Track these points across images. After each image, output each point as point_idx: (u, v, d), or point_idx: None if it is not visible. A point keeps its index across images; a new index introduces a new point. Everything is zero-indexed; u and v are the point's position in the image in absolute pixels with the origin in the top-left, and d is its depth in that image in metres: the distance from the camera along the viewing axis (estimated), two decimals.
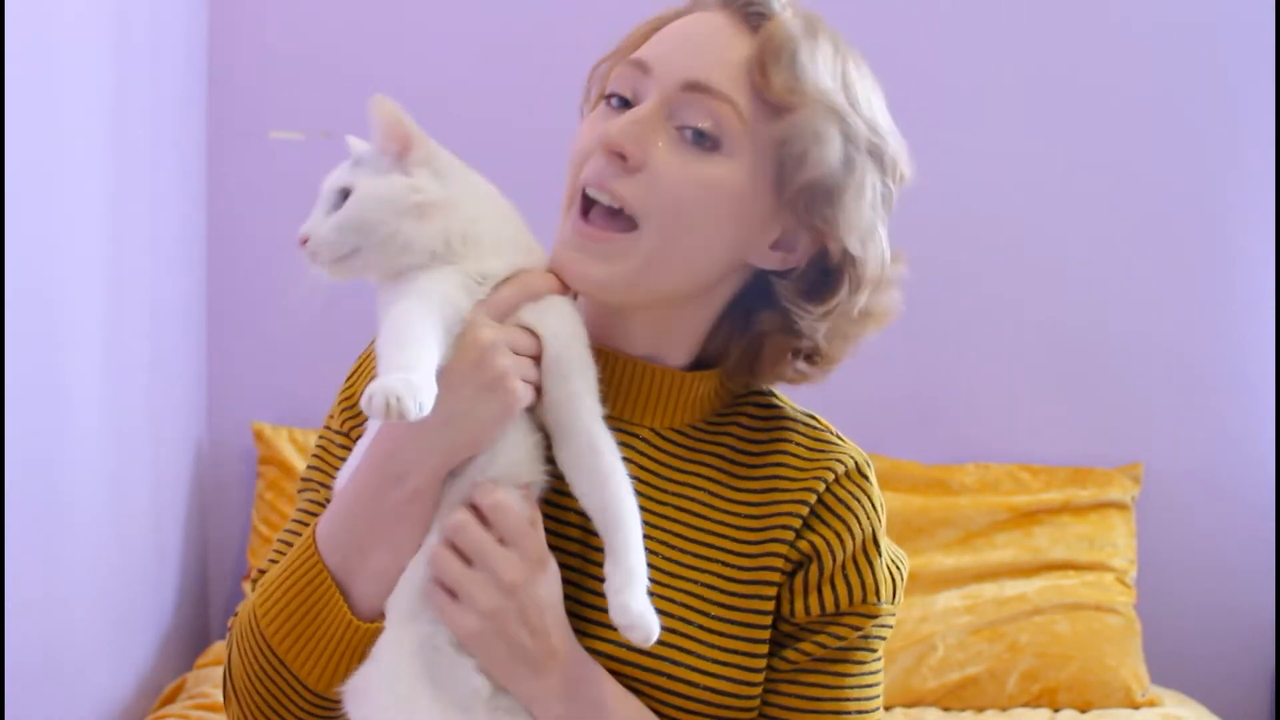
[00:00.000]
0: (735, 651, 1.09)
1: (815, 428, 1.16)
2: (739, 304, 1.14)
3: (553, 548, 1.07)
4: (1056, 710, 2.42)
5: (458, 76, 2.59)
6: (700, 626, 1.08)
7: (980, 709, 2.42)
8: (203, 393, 2.61)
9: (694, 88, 1.05)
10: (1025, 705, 2.42)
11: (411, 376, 0.93)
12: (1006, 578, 2.51)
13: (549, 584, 1.04)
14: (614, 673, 1.08)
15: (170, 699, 2.22)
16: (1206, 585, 2.67)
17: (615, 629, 1.01)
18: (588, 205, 1.08)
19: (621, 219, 1.06)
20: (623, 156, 1.05)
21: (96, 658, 2.06)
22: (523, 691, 1.04)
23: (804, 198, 1.06)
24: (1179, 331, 2.67)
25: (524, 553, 1.03)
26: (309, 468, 1.19)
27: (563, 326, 1.06)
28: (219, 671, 2.24)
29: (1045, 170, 2.66)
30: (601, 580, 1.05)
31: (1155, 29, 2.65)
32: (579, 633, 1.08)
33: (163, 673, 2.35)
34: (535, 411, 1.06)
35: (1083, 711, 2.41)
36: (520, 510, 1.04)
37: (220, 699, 2.12)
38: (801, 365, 1.15)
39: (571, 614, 1.08)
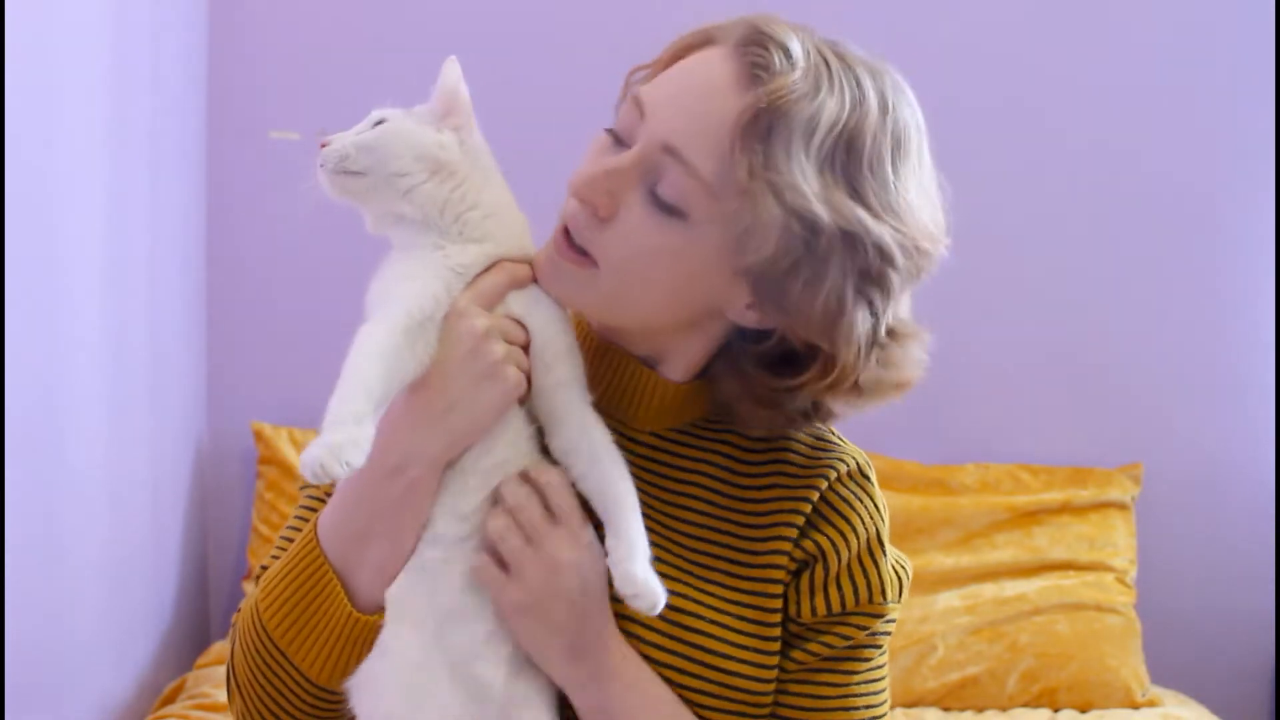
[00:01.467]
0: (745, 648, 1.09)
1: (815, 428, 1.17)
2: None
3: None
4: (1056, 710, 2.42)
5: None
6: (712, 621, 1.09)
7: (980, 709, 2.42)
8: (203, 393, 2.61)
9: (671, 152, 1.02)
10: (1025, 705, 2.42)
11: (337, 437, 0.96)
12: (1006, 578, 2.51)
13: (595, 567, 1.06)
14: None
15: (170, 699, 2.22)
16: (1206, 585, 2.67)
17: (623, 602, 1.03)
18: (566, 230, 1.09)
19: (587, 257, 1.07)
20: (594, 209, 1.05)
21: (96, 658, 2.06)
22: (557, 675, 1.06)
23: (752, 278, 1.04)
24: (1179, 332, 2.67)
25: (574, 533, 1.05)
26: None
27: (548, 315, 1.09)
28: (219, 671, 2.25)
29: (1045, 170, 2.66)
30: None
31: (1156, 29, 2.65)
32: None
33: (163, 673, 2.35)
34: (523, 401, 1.08)
35: (1083, 711, 2.41)
36: (574, 495, 1.07)
37: (221, 699, 2.14)
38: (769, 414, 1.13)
39: None
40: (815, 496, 1.12)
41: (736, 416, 1.13)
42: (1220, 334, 2.68)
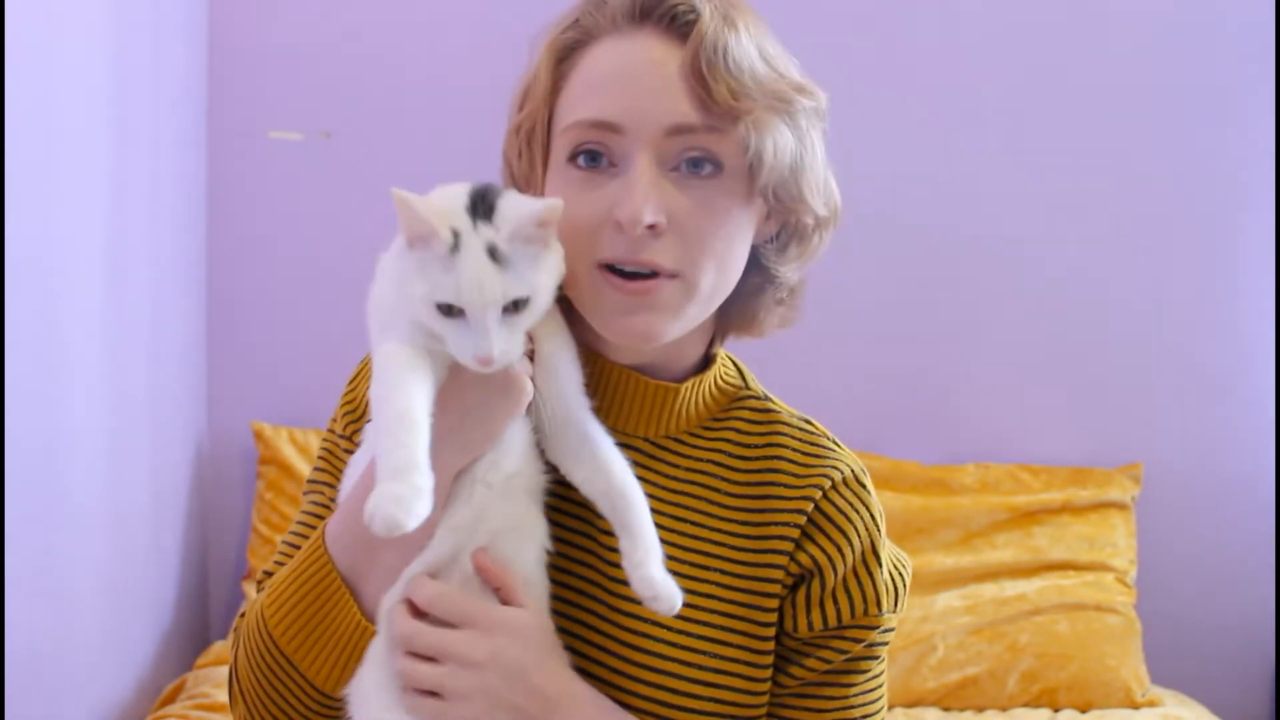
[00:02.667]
0: (738, 660, 1.09)
1: (810, 433, 1.16)
2: None
3: (569, 559, 1.10)
4: (1056, 710, 2.42)
5: (458, 76, 2.59)
6: (702, 637, 1.09)
7: (980, 709, 2.42)
8: (203, 393, 2.61)
9: (678, 130, 1.05)
10: (1025, 705, 2.42)
11: (402, 488, 0.93)
12: (1006, 578, 2.51)
13: (521, 641, 1.04)
14: (618, 688, 1.08)
15: (170, 699, 2.22)
16: (1206, 585, 2.67)
17: (639, 603, 1.03)
18: (614, 269, 1.07)
19: (659, 273, 1.06)
20: (654, 230, 1.05)
21: (96, 658, 2.06)
22: None
23: (774, 189, 1.08)
24: (1179, 331, 2.67)
25: (481, 628, 1.03)
26: (315, 469, 1.19)
27: (550, 325, 1.07)
28: (219, 671, 2.25)
29: (1045, 170, 2.66)
30: (591, 599, 1.07)
31: (1157, 27, 2.65)
32: (590, 644, 1.09)
33: (163, 673, 2.35)
34: (529, 410, 1.07)
35: (1083, 711, 2.41)
36: (454, 592, 1.05)
37: (221, 698, 2.13)
38: (782, 310, 1.17)
39: (587, 625, 1.09)
40: (810, 507, 1.11)
41: (749, 327, 1.16)
42: (1220, 334, 2.68)
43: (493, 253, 0.97)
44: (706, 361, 1.17)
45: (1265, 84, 2.63)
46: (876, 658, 1.13)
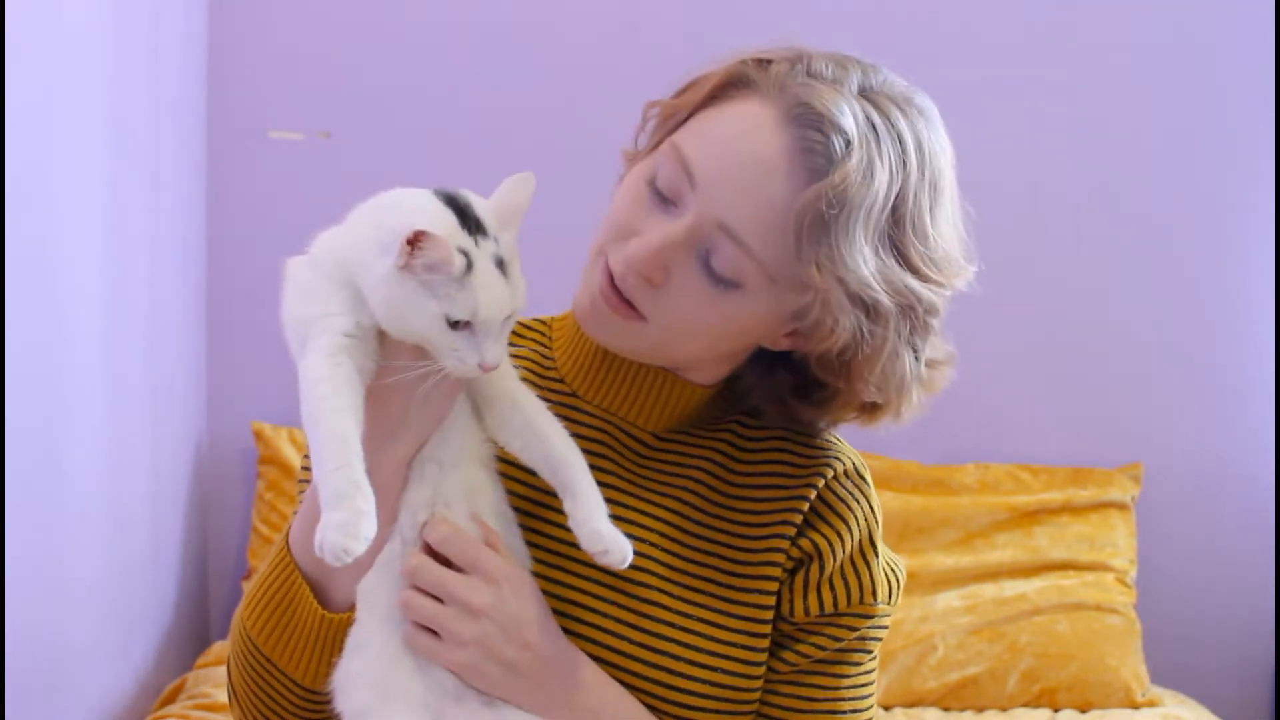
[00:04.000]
0: (735, 645, 1.10)
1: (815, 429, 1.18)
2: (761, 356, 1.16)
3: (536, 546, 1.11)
4: (1056, 710, 2.42)
5: (457, 77, 2.59)
6: (700, 620, 1.09)
7: (980, 709, 2.42)
8: (203, 393, 2.61)
9: (727, 231, 1.04)
10: (1025, 705, 2.42)
11: (346, 514, 0.95)
12: (1006, 578, 2.51)
13: (521, 597, 1.06)
14: (615, 666, 1.09)
15: (170, 699, 2.22)
16: (1206, 585, 2.67)
17: (592, 560, 1.04)
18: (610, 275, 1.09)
19: (636, 310, 1.08)
20: (648, 280, 1.06)
21: (96, 658, 2.06)
22: (527, 704, 1.06)
23: (817, 359, 1.09)
24: (1179, 331, 2.67)
25: (485, 575, 1.05)
26: (303, 468, 1.21)
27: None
28: (219, 671, 2.25)
29: (1045, 169, 2.66)
30: (588, 579, 1.08)
31: (1155, 28, 2.65)
32: (574, 634, 1.09)
33: (163, 673, 2.35)
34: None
35: (1083, 711, 2.41)
36: (469, 535, 1.06)
37: (221, 698, 2.14)
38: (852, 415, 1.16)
39: (565, 614, 1.10)
40: (813, 495, 1.12)
41: (800, 418, 1.16)
42: (1220, 334, 2.67)
43: (499, 265, 1.00)
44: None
45: (1265, 84, 2.63)
46: (869, 651, 1.14)
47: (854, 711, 1.13)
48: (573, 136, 2.49)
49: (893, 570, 1.16)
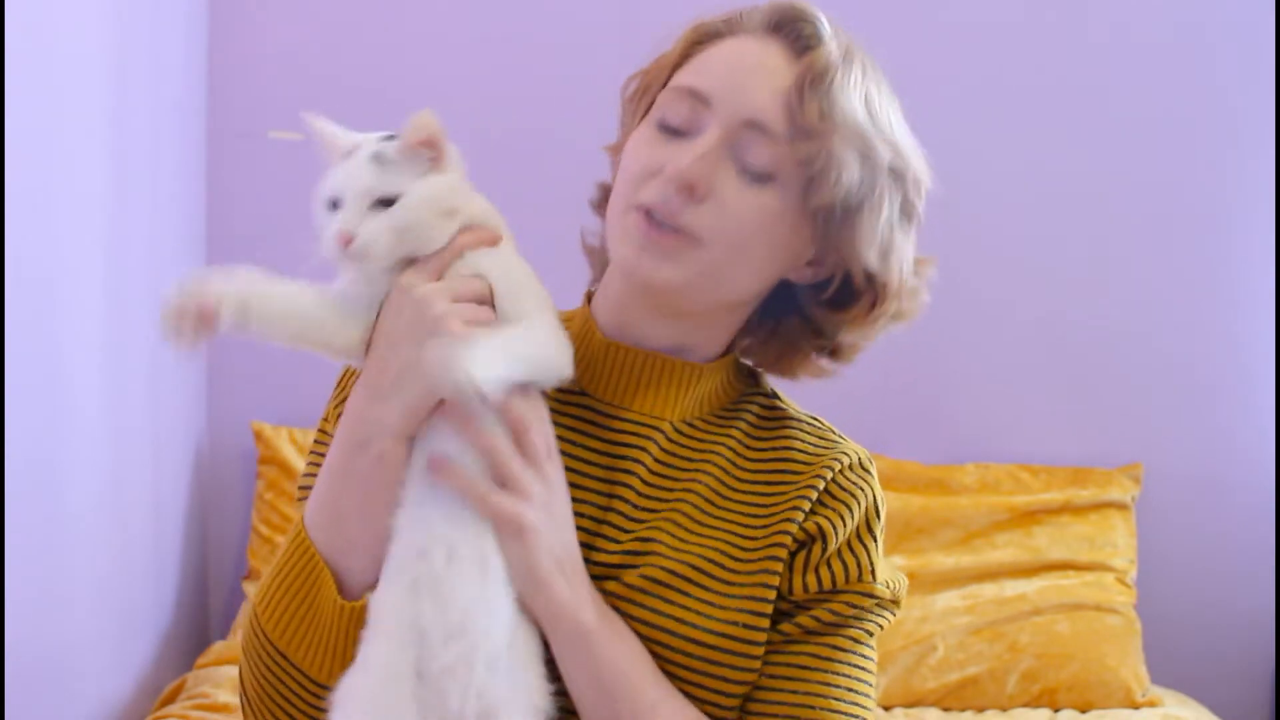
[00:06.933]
0: (736, 624, 1.11)
1: (818, 426, 1.21)
2: (766, 307, 1.19)
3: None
4: (1056, 710, 2.42)
5: (457, 77, 2.59)
6: (704, 588, 1.11)
7: (980, 709, 2.42)
8: (203, 393, 2.61)
9: (754, 126, 1.10)
10: (1025, 705, 2.42)
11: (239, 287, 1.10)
12: (1006, 578, 2.51)
13: (566, 505, 1.09)
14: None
15: (170, 699, 2.22)
16: (1206, 585, 2.67)
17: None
18: (648, 214, 1.11)
19: (685, 234, 1.10)
20: (692, 189, 1.09)
21: (96, 658, 2.06)
22: (558, 598, 1.05)
23: (823, 216, 1.12)
24: (1179, 332, 2.67)
25: (541, 472, 1.07)
26: (309, 464, 1.20)
27: (505, 263, 1.10)
28: (219, 671, 2.25)
29: (1045, 170, 2.66)
30: (601, 540, 1.10)
31: (1155, 29, 2.65)
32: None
33: (163, 673, 2.35)
34: None
35: (1083, 711, 2.41)
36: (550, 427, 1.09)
37: (221, 698, 2.14)
38: (824, 362, 1.21)
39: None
40: (821, 485, 1.15)
41: (781, 366, 1.21)
42: (1220, 334, 2.68)
43: (377, 158, 1.07)
44: (726, 354, 1.21)
45: (1265, 85, 2.63)
46: (868, 634, 1.15)
47: (849, 689, 1.13)
48: (573, 137, 2.48)
49: (897, 577, 1.18)
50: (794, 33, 1.14)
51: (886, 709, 2.40)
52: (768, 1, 1.16)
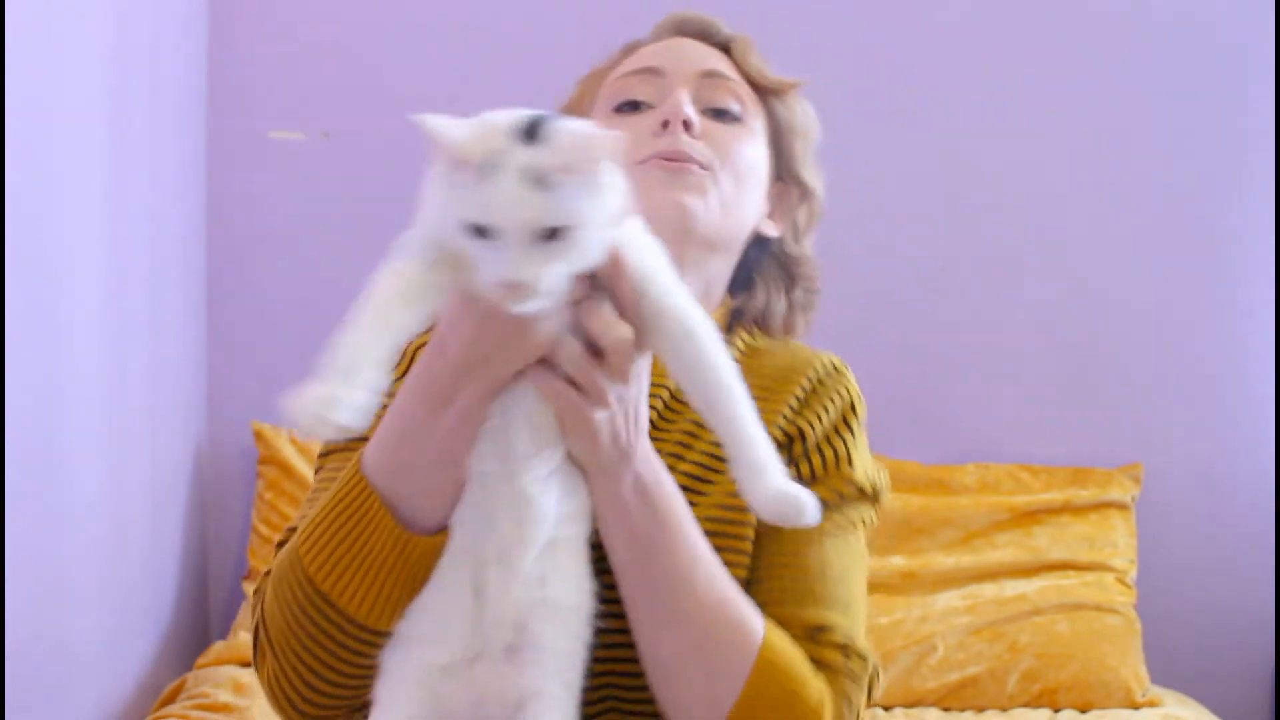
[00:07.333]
0: (719, 520, 1.14)
1: (792, 346, 1.30)
2: (744, 263, 1.29)
3: None
4: (1056, 710, 2.41)
5: (458, 76, 2.59)
6: (690, 490, 1.13)
7: (980, 709, 2.42)
8: (203, 393, 2.61)
9: (711, 74, 1.26)
10: (1025, 705, 2.42)
11: (329, 389, 0.91)
12: (1006, 578, 2.51)
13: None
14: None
15: (170, 699, 2.22)
16: (1206, 585, 2.67)
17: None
18: (664, 158, 1.21)
19: (700, 163, 1.21)
20: (688, 125, 1.21)
21: (96, 658, 2.06)
22: (617, 476, 1.04)
23: (785, 143, 1.29)
24: (1179, 332, 2.67)
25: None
26: (320, 455, 1.21)
27: (655, 259, 1.01)
28: (219, 671, 2.25)
29: (1045, 170, 2.66)
30: None
31: (1156, 29, 2.65)
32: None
33: (163, 673, 2.35)
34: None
35: (1083, 711, 2.41)
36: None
37: (221, 698, 2.13)
38: (798, 296, 1.31)
39: None
40: (800, 393, 1.21)
41: (768, 314, 1.30)
42: (1220, 334, 2.68)
43: (532, 175, 0.89)
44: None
45: (1265, 85, 2.63)
46: (850, 522, 1.19)
47: (842, 571, 1.15)
48: None
49: (878, 469, 1.24)
50: (699, 29, 1.31)
51: (886, 709, 2.40)
52: (670, 14, 1.33)
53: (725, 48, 1.29)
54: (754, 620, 1.09)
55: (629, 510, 1.05)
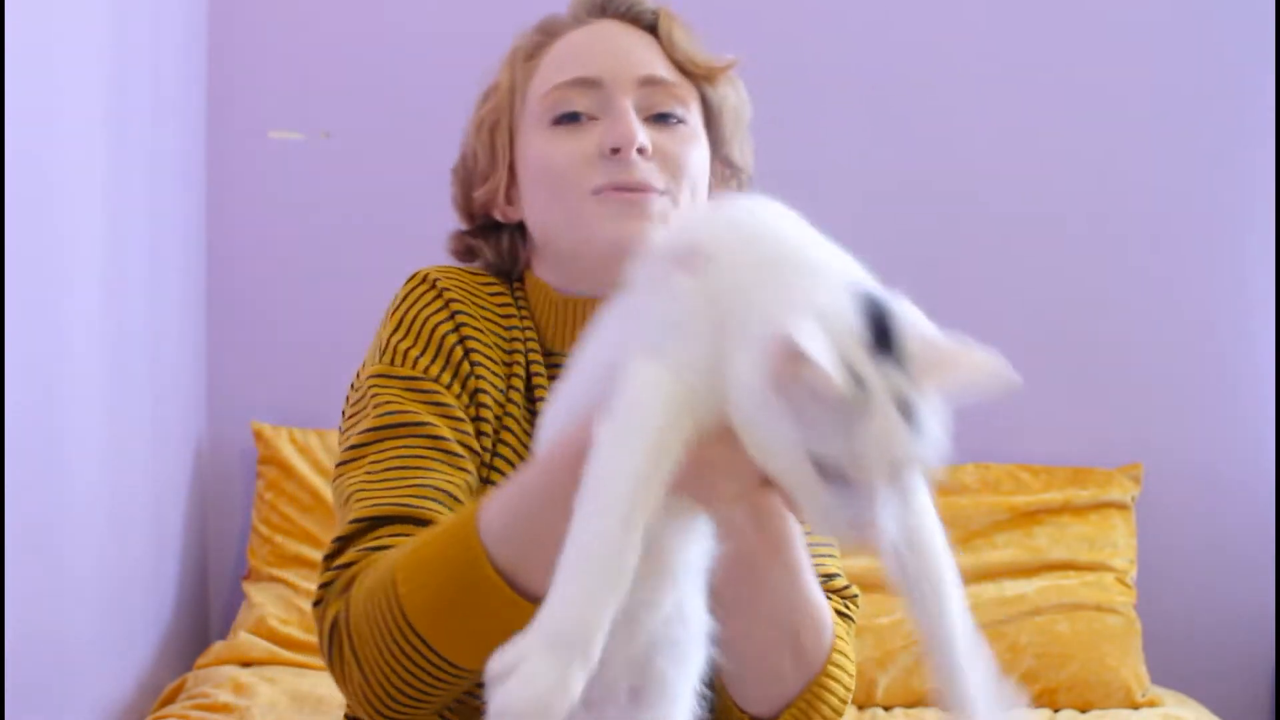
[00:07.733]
0: None
1: None
2: None
3: None
4: (1056, 710, 2.41)
5: (458, 77, 2.58)
6: None
7: None
8: (203, 393, 2.61)
9: (650, 81, 1.25)
10: (1025, 705, 2.42)
11: (552, 674, 0.75)
12: (1006, 578, 2.50)
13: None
14: None
15: (170, 699, 2.22)
16: (1206, 585, 2.67)
17: None
18: (618, 189, 1.21)
19: (654, 190, 1.22)
20: (642, 151, 1.20)
21: (96, 658, 2.06)
22: (756, 499, 0.97)
23: (726, 140, 1.30)
24: (1179, 332, 2.67)
25: None
26: (394, 413, 1.16)
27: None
28: (219, 672, 2.25)
29: (1045, 169, 2.66)
30: None
31: (1156, 26, 2.65)
32: None
33: (163, 673, 2.35)
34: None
35: (1083, 712, 2.41)
36: None
37: (221, 698, 2.13)
38: None
39: None
40: None
41: None
42: (1220, 334, 2.67)
43: (910, 413, 0.74)
44: None
45: (1265, 83, 2.63)
46: None
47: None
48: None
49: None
50: (622, 9, 1.29)
51: (886, 709, 2.39)
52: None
53: (652, 28, 1.29)
54: (827, 608, 1.17)
55: (742, 533, 1.06)
